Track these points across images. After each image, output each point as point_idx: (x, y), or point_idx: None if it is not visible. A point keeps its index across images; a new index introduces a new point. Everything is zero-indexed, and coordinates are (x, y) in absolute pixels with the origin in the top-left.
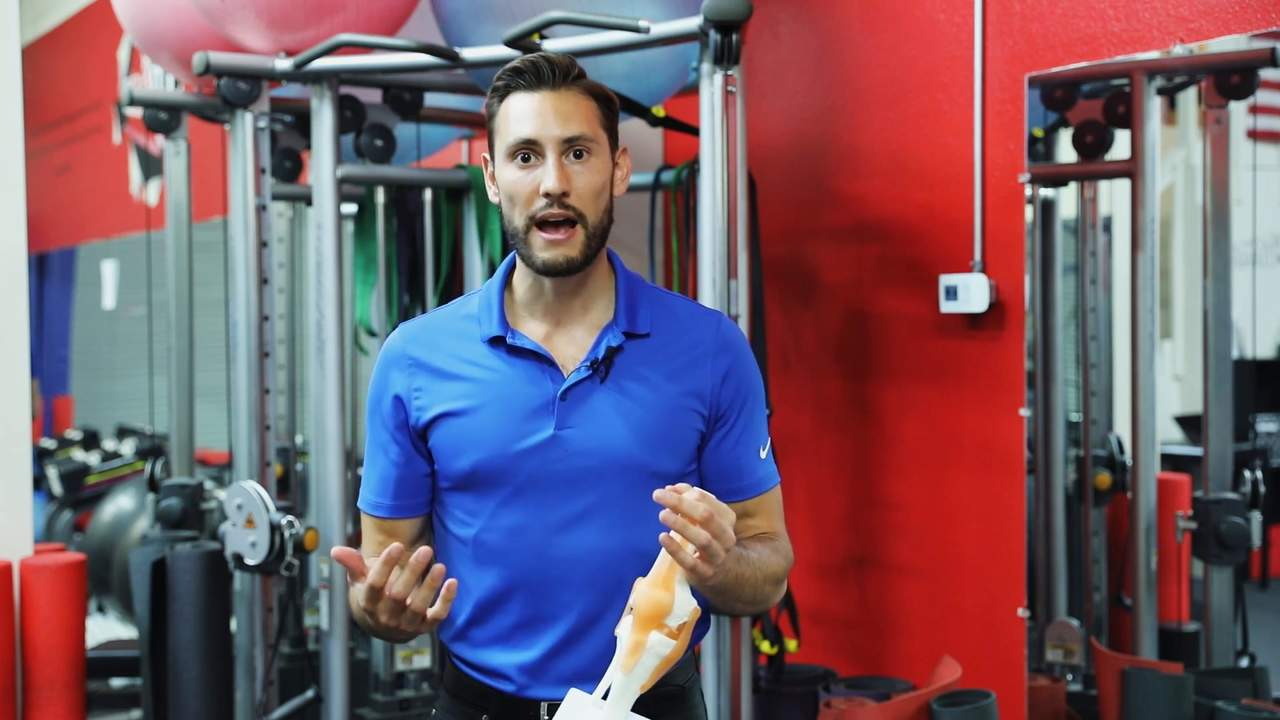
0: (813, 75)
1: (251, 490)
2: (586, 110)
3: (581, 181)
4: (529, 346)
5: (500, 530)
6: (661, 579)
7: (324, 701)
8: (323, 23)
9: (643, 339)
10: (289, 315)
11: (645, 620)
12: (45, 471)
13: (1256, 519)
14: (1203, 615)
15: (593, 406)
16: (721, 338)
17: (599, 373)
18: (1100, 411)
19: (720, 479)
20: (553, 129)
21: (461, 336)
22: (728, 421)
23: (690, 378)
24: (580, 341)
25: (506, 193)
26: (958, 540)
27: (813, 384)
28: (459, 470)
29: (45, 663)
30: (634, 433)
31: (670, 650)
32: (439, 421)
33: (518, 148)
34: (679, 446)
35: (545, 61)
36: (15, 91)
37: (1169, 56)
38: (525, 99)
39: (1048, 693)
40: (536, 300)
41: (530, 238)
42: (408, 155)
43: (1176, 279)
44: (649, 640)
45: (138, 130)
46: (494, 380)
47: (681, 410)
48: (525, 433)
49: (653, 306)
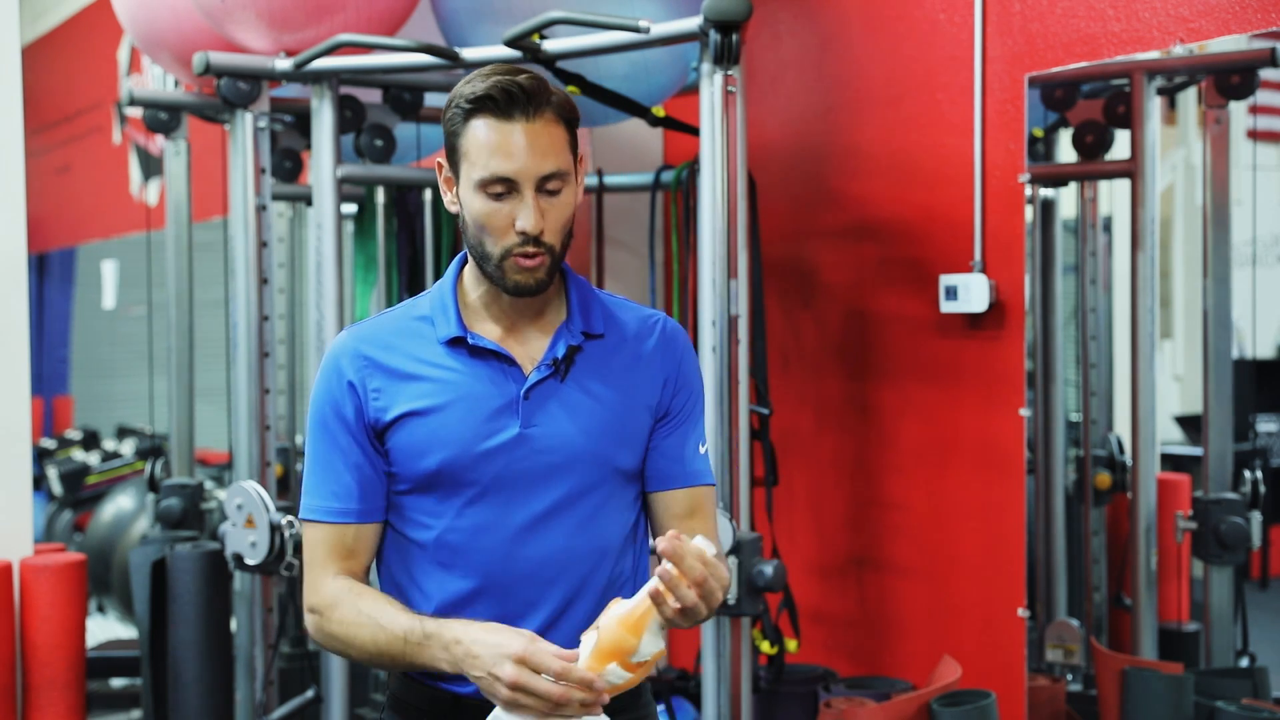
0: (813, 75)
1: (251, 490)
2: (558, 139)
3: (553, 216)
4: (489, 346)
5: (464, 531)
6: (635, 620)
7: (324, 701)
8: (323, 23)
9: (598, 339)
10: (289, 315)
11: (606, 654)
12: (45, 471)
13: (1256, 519)
14: (1203, 615)
15: (556, 404)
16: (666, 335)
17: (559, 371)
18: (1100, 411)
19: (661, 467)
20: (530, 167)
21: (416, 337)
22: (673, 417)
23: (641, 374)
24: (535, 342)
25: (476, 220)
26: (958, 540)
27: (813, 384)
28: (423, 470)
29: (45, 663)
30: (597, 429)
31: (624, 682)
32: (401, 421)
33: (492, 183)
34: (635, 443)
35: (517, 88)
36: (15, 91)
37: (1169, 56)
38: (497, 128)
39: (1048, 693)
40: (492, 304)
41: (504, 264)
42: (408, 155)
43: (1176, 279)
44: (606, 669)
45: (138, 130)
46: (456, 380)
47: (636, 407)
48: (490, 431)
49: (604, 308)
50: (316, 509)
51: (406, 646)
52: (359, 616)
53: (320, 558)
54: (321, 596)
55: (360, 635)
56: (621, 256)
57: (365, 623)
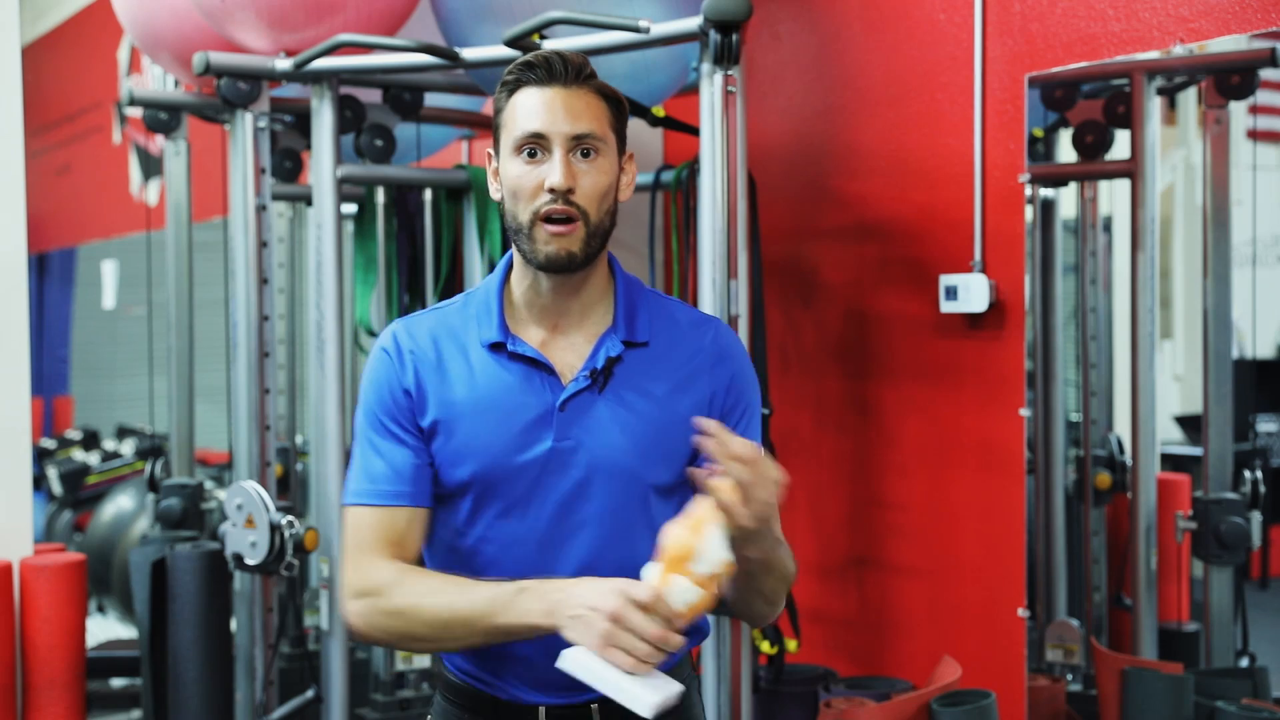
0: (813, 75)
1: (251, 490)
2: (597, 109)
3: (587, 181)
4: (529, 354)
5: (496, 541)
6: (695, 521)
7: (324, 701)
8: (323, 23)
9: (641, 348)
10: (289, 315)
11: (672, 562)
12: (45, 471)
13: (1256, 519)
14: (1203, 615)
15: (592, 418)
16: (720, 347)
17: (598, 382)
18: (1100, 411)
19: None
20: (562, 125)
21: (460, 338)
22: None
23: (689, 389)
24: (579, 348)
25: (510, 187)
26: (958, 540)
27: (813, 384)
28: (457, 479)
29: (45, 663)
30: (632, 445)
31: (696, 599)
32: (437, 426)
33: (525, 141)
34: (674, 458)
35: (558, 58)
36: (15, 91)
37: (1169, 56)
38: (535, 94)
39: (1048, 693)
40: (534, 303)
41: (534, 231)
42: (408, 155)
43: (1176, 279)
44: (675, 584)
45: (138, 130)
46: (494, 388)
47: (678, 422)
48: (525, 444)
49: (651, 313)
50: (365, 492)
51: (493, 605)
52: (430, 587)
53: (368, 541)
54: (375, 579)
55: (431, 603)
56: (621, 256)
57: (440, 591)
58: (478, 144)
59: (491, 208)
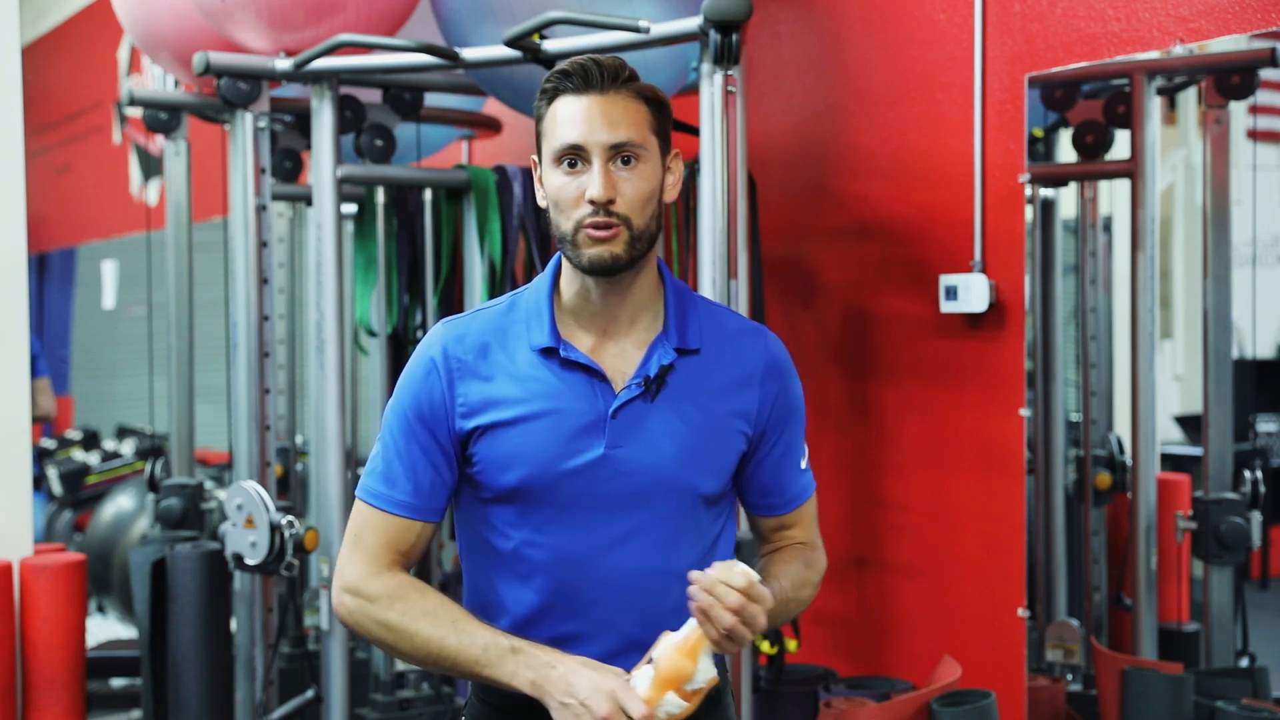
0: (813, 75)
1: (251, 490)
2: (635, 114)
3: (629, 189)
4: (581, 360)
5: (543, 547)
6: (690, 646)
7: (324, 701)
8: (323, 23)
9: (692, 355)
10: (289, 315)
11: (664, 682)
12: (45, 471)
13: (1256, 519)
14: (1203, 615)
15: (643, 426)
16: (770, 358)
17: (650, 390)
18: (1100, 411)
19: (760, 494)
20: (599, 134)
21: (510, 341)
22: (771, 441)
23: (738, 398)
24: (629, 355)
25: (553, 198)
26: (958, 540)
27: (813, 384)
28: (505, 484)
29: (45, 663)
30: (682, 454)
31: (680, 711)
32: (486, 432)
33: (563, 153)
34: (722, 468)
35: (594, 64)
36: (15, 91)
37: (1169, 56)
38: (572, 102)
39: (1048, 693)
40: (583, 308)
41: (577, 238)
42: (408, 155)
43: (1176, 279)
44: (664, 699)
45: (138, 130)
46: (545, 394)
47: (728, 432)
48: (575, 451)
49: (701, 320)
50: (382, 497)
51: (484, 654)
52: (425, 611)
53: (374, 545)
54: (374, 585)
55: (425, 632)
56: None
57: (435, 622)
58: (478, 144)
59: (491, 208)
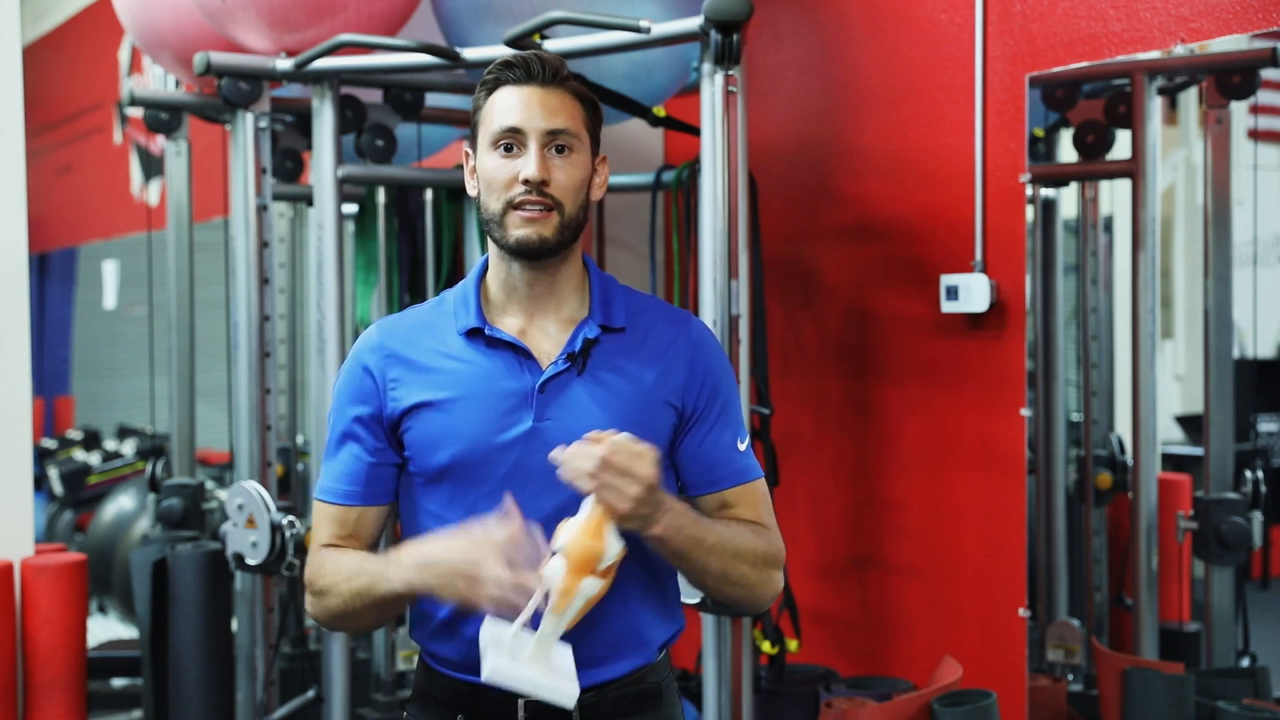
0: (813, 75)
1: (252, 490)
2: (572, 109)
3: (561, 175)
4: (506, 339)
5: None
6: (592, 527)
7: (325, 701)
8: (323, 23)
9: (618, 333)
10: (290, 315)
11: (579, 567)
12: (46, 471)
13: (1257, 519)
14: (1204, 615)
15: (571, 398)
16: (694, 337)
17: (576, 365)
18: (1101, 411)
19: (696, 471)
20: (537, 120)
21: (438, 329)
22: (702, 418)
23: (665, 374)
24: (555, 336)
25: (485, 180)
26: (959, 540)
27: (813, 384)
28: (436, 464)
29: (46, 663)
30: (612, 424)
31: (597, 590)
32: (415, 413)
33: (501, 136)
34: (652, 437)
35: (536, 59)
36: (16, 91)
37: (1170, 56)
38: (513, 92)
39: (1049, 693)
40: (511, 294)
41: (506, 218)
42: (408, 155)
43: (1177, 279)
44: (580, 584)
45: (139, 130)
46: (472, 373)
47: (656, 404)
48: (504, 426)
49: (627, 303)
50: (325, 489)
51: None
52: (345, 564)
53: (320, 535)
54: (311, 566)
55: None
56: (622, 256)
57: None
58: None
59: None
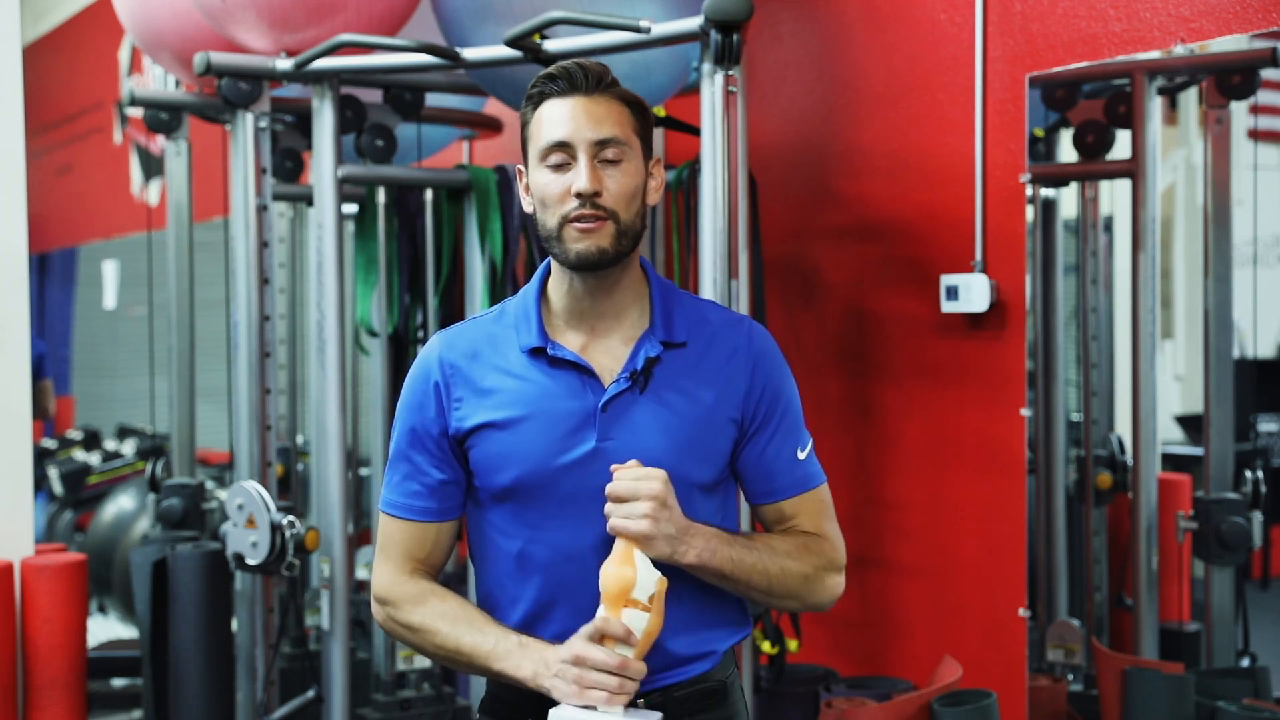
0: (813, 75)
1: (252, 490)
2: (619, 115)
3: (614, 184)
4: (569, 358)
5: (543, 544)
6: (619, 556)
7: (325, 701)
8: (323, 23)
9: (679, 348)
10: (290, 315)
11: (613, 599)
12: (46, 471)
13: (1257, 519)
14: (1204, 615)
15: (633, 418)
16: (756, 348)
17: (638, 383)
18: (1101, 411)
19: (756, 481)
20: (585, 132)
21: (500, 345)
22: (762, 429)
23: (725, 388)
24: (616, 352)
25: (539, 196)
26: (959, 540)
27: (814, 384)
28: (500, 484)
29: (46, 663)
30: (673, 444)
31: (646, 623)
32: (479, 433)
33: (550, 150)
34: (714, 456)
35: (579, 68)
36: (16, 91)
37: (1170, 56)
38: (558, 105)
39: (1049, 693)
40: (572, 309)
41: (563, 233)
42: (408, 155)
43: (1177, 279)
44: (625, 617)
45: (139, 130)
46: (535, 392)
47: (717, 421)
48: (567, 447)
49: (687, 314)
50: (397, 505)
51: (495, 649)
52: (443, 613)
53: (395, 553)
54: (396, 592)
55: (444, 631)
56: None
57: (452, 621)
58: (478, 144)
59: (492, 208)
